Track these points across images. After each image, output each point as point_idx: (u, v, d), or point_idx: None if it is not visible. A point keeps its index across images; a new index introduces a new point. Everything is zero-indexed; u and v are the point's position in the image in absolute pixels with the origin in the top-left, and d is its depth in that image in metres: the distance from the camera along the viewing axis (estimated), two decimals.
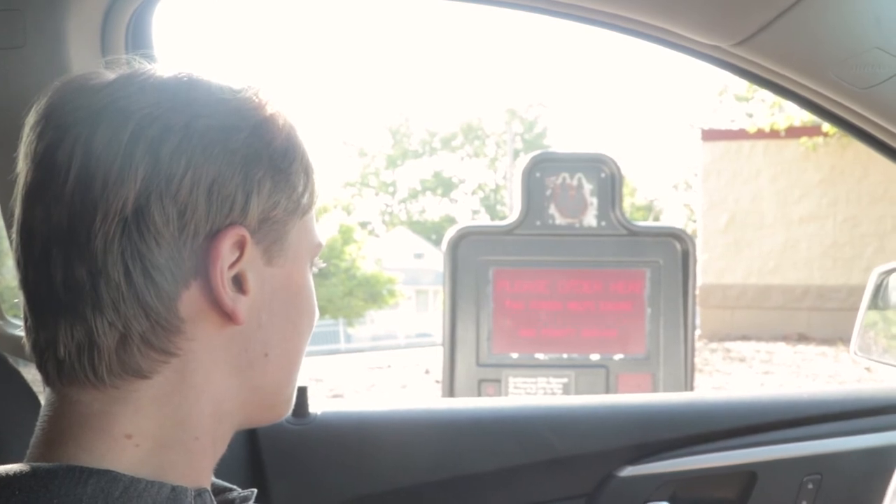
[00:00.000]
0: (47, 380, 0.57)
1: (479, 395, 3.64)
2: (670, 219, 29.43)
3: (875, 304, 1.34)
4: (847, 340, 2.68)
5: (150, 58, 0.60)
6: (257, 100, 0.59)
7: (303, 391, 1.27)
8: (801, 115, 9.10)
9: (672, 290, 3.68)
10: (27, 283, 0.56)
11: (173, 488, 0.54)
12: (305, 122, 0.63)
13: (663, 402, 1.45)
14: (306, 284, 0.64)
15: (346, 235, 20.71)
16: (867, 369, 6.97)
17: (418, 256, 32.68)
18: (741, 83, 12.37)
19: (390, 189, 38.16)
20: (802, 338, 9.50)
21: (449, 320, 3.71)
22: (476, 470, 1.30)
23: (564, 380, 3.69)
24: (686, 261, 3.69)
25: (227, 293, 0.56)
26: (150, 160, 0.53)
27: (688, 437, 1.34)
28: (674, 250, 3.71)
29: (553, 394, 3.66)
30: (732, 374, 7.41)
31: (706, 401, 1.54)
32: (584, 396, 2.01)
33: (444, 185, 37.43)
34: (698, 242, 9.08)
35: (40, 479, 0.51)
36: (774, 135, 9.78)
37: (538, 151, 4.16)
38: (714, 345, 9.28)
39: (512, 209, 6.40)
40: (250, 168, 0.57)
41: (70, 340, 0.54)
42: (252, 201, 0.57)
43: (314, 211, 0.65)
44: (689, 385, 3.67)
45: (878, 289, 1.34)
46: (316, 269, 0.67)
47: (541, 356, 3.74)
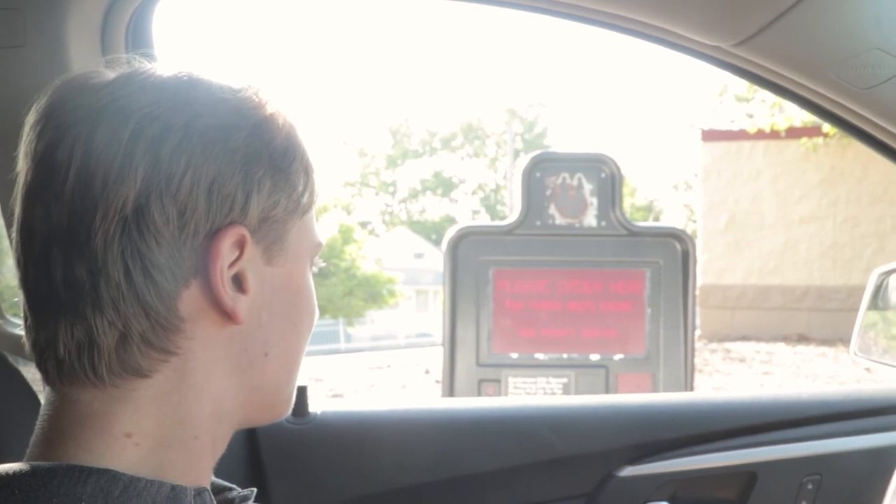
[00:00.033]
0: (47, 379, 0.57)
1: (479, 395, 3.64)
2: (670, 219, 29.44)
3: (875, 305, 1.35)
4: (847, 341, 2.68)
5: (150, 57, 0.60)
6: (257, 99, 0.59)
7: (302, 391, 1.27)
8: (802, 115, 9.10)
9: (672, 291, 3.68)
10: (27, 281, 0.56)
11: (173, 487, 0.54)
12: (305, 122, 0.63)
13: (663, 402, 1.45)
14: (306, 284, 0.64)
15: (346, 235, 20.72)
16: (867, 370, 6.97)
17: (418, 256, 32.68)
18: (741, 83, 12.38)
19: (390, 189, 38.17)
20: (802, 338, 9.49)
21: (449, 320, 3.71)
22: (476, 470, 1.30)
23: (564, 380, 3.69)
24: (686, 261, 3.69)
25: (227, 292, 0.56)
26: (151, 159, 0.53)
27: (688, 437, 1.34)
28: (674, 250, 3.71)
29: (553, 394, 3.66)
30: (732, 375, 7.41)
31: (706, 401, 1.54)
32: (584, 396, 2.01)
33: (444, 185, 37.43)
34: (698, 243, 9.08)
35: (40, 478, 0.51)
36: (775, 135, 9.78)
37: (538, 151, 4.15)
38: (714, 345, 9.28)
39: (512, 209, 6.40)
40: (250, 167, 0.57)
41: (70, 339, 0.54)
42: (252, 200, 0.57)
43: (314, 210, 0.65)
44: (688, 385, 3.67)
45: (878, 289, 1.34)
46: (316, 269, 0.67)
47: (541, 356, 3.73)
